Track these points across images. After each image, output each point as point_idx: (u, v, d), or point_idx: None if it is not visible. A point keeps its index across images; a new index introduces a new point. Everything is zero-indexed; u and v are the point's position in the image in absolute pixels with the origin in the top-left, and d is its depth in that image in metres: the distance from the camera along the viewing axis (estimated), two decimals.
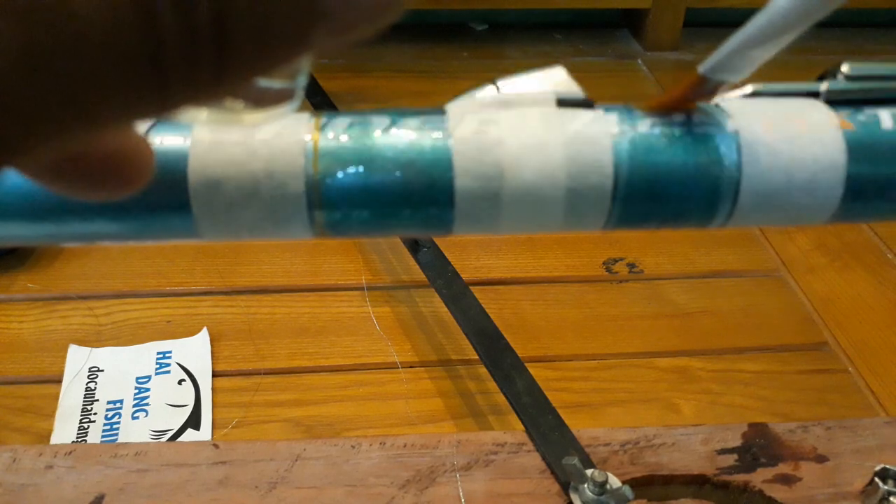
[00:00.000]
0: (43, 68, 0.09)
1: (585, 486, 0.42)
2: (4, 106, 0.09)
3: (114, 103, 0.10)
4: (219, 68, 0.10)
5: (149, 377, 0.65)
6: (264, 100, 0.14)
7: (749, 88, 0.19)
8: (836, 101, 0.19)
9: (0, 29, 0.08)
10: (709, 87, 0.17)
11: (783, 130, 0.18)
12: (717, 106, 0.19)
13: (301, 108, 0.16)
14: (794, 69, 1.29)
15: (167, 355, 0.67)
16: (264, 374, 0.66)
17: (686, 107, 0.18)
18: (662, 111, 0.18)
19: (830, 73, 0.19)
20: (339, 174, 0.17)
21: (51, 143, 0.10)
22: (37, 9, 0.08)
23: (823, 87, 0.19)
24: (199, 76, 0.10)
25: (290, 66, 0.11)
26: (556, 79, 0.19)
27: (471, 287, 0.64)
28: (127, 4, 0.09)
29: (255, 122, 0.15)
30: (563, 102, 0.18)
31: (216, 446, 0.46)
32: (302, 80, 0.14)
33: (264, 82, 0.14)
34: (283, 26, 0.10)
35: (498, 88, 0.18)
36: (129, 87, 0.09)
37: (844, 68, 0.19)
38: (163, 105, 0.10)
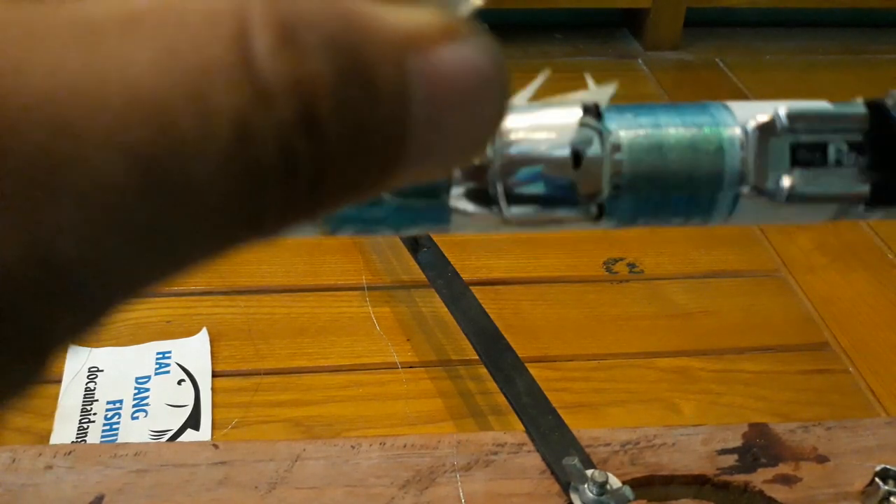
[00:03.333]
0: (158, 239, 0.09)
1: (586, 486, 0.42)
2: (114, 276, 0.09)
3: (207, 254, 0.10)
4: (308, 213, 0.10)
5: (148, 377, 0.65)
6: None
7: (783, 107, 0.19)
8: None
9: (132, 206, 0.08)
10: None
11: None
12: (723, 104, 0.19)
13: None
14: (794, 69, 1.28)
15: (167, 355, 0.67)
16: (264, 374, 0.66)
17: None
18: None
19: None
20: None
21: (137, 296, 0.10)
22: (167, 186, 0.08)
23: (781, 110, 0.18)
24: (289, 221, 0.10)
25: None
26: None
27: (471, 287, 0.64)
28: (243, 176, 0.09)
29: None
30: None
31: (216, 446, 0.46)
32: None
33: None
34: (368, 176, 0.10)
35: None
36: (226, 241, 0.10)
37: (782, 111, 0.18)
38: (248, 246, 0.11)
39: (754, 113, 0.18)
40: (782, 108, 0.17)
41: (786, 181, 0.17)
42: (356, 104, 0.09)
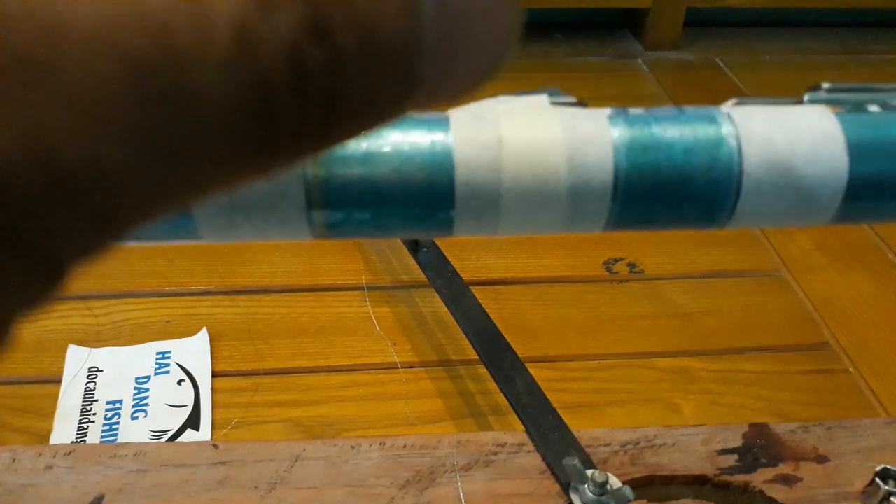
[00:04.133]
0: (161, 149, 0.09)
1: (586, 486, 0.42)
2: (120, 183, 0.09)
3: (223, 174, 0.10)
4: (323, 138, 0.10)
5: (148, 377, 0.65)
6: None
7: (731, 102, 0.19)
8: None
9: (125, 116, 0.08)
10: None
11: (783, 131, 0.18)
12: (717, 108, 0.19)
13: None
14: (794, 69, 1.28)
15: (166, 355, 0.67)
16: (264, 374, 0.66)
17: None
18: None
19: (811, 89, 0.19)
20: (339, 175, 0.17)
21: (153, 215, 0.10)
22: (163, 94, 0.08)
23: (806, 97, 0.19)
24: (304, 146, 0.10)
25: None
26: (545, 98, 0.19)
27: (471, 287, 0.64)
28: (245, 83, 0.09)
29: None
30: (556, 104, 0.18)
31: (216, 446, 0.46)
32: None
33: None
34: (384, 97, 0.10)
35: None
36: (239, 160, 0.10)
37: (825, 85, 0.19)
38: (268, 172, 0.10)
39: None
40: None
41: None
42: (367, 11, 0.09)
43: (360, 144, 0.18)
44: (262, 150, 0.10)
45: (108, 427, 0.61)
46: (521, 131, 0.18)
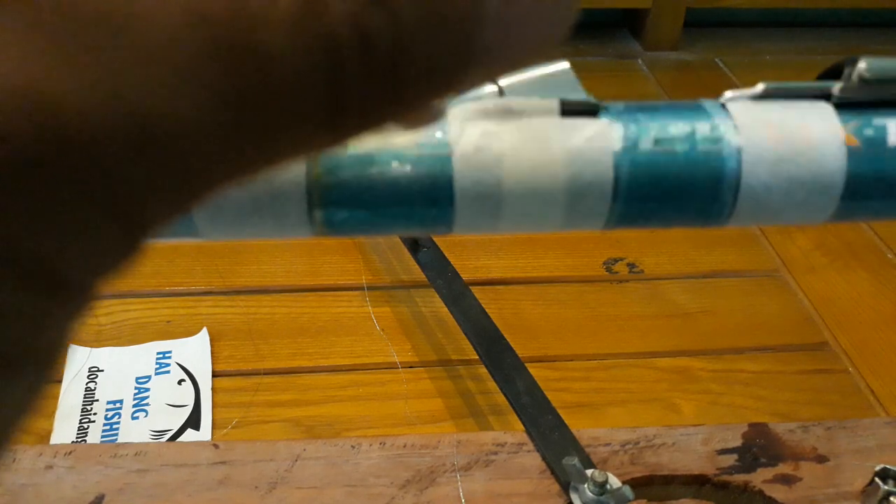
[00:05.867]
0: (235, 106, 0.09)
1: (585, 486, 0.42)
2: (197, 143, 0.09)
3: (295, 137, 0.10)
4: (391, 103, 0.10)
5: (149, 377, 0.65)
6: (415, 121, 0.15)
7: (760, 87, 0.19)
8: (846, 104, 0.19)
9: (200, 73, 0.09)
10: None
11: (786, 140, 0.18)
12: (722, 107, 0.19)
13: None
14: (794, 69, 1.28)
15: (167, 355, 0.67)
16: (264, 374, 0.66)
17: None
18: None
19: (847, 64, 0.19)
20: (339, 172, 0.17)
21: (232, 178, 0.10)
22: (234, 50, 0.09)
23: (836, 89, 0.19)
24: (372, 111, 0.10)
25: None
26: (560, 78, 0.19)
27: (471, 287, 0.64)
28: (314, 43, 0.09)
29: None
30: (567, 110, 0.18)
31: (216, 446, 0.46)
32: (447, 102, 0.15)
33: None
34: (447, 64, 0.10)
35: (500, 89, 0.18)
36: (309, 122, 0.10)
37: (862, 66, 0.19)
38: (337, 138, 0.10)
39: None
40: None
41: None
42: None
43: (361, 143, 0.18)
44: (333, 115, 0.10)
45: (108, 427, 0.61)
46: (520, 129, 0.18)
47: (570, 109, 0.18)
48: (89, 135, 0.08)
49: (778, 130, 0.18)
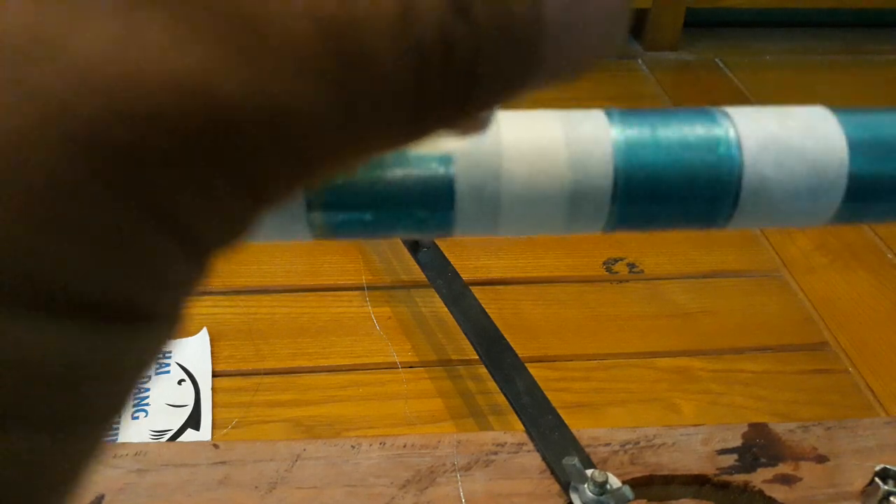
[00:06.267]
0: (347, 103, 0.10)
1: (585, 486, 0.42)
2: (316, 130, 0.10)
3: (385, 135, 0.11)
4: (461, 109, 0.11)
5: (148, 377, 0.65)
6: (468, 127, 0.15)
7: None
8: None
9: (323, 65, 0.10)
10: None
11: (788, 142, 0.18)
12: (717, 108, 0.19)
13: None
14: (794, 69, 1.28)
15: (167, 355, 0.67)
16: (264, 374, 0.66)
17: None
18: None
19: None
20: (338, 176, 0.17)
21: (335, 167, 0.11)
22: (348, 51, 0.10)
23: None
24: (445, 115, 0.11)
25: None
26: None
27: (471, 287, 0.64)
28: (409, 52, 0.10)
29: (450, 146, 0.17)
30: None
31: (216, 446, 0.46)
32: (497, 109, 0.15)
33: None
34: (513, 72, 0.11)
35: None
36: (398, 124, 0.11)
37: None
38: (410, 139, 0.11)
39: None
40: None
41: None
42: None
43: None
44: (415, 113, 0.11)
45: None
46: (520, 131, 0.18)
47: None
48: (236, 120, 0.09)
49: (779, 133, 0.18)
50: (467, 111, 0.11)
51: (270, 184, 0.10)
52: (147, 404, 0.63)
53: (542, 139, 0.18)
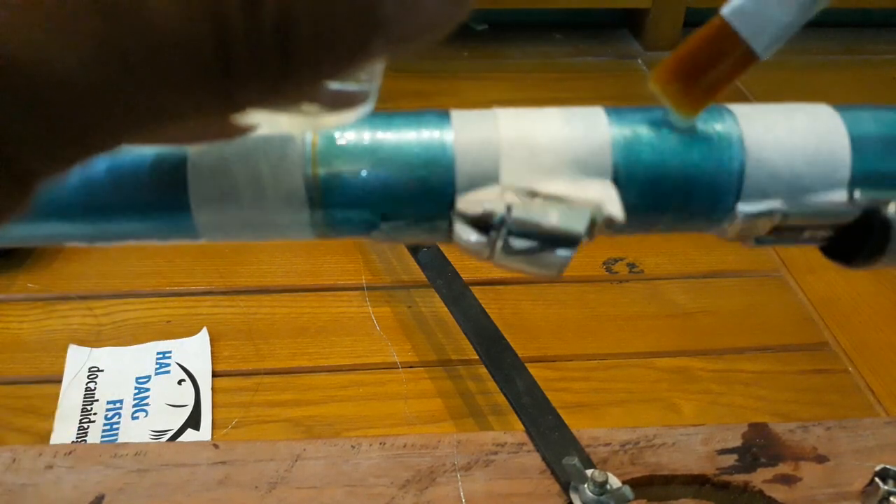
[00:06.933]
0: (117, 62, 0.09)
1: (585, 486, 0.42)
2: (80, 95, 0.09)
3: (182, 99, 0.10)
4: (282, 71, 0.10)
5: (149, 377, 0.65)
6: (340, 102, 0.14)
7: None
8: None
9: (80, 24, 0.09)
10: (732, 43, 0.17)
11: (786, 130, 0.18)
12: (718, 107, 0.19)
13: None
14: (794, 69, 1.28)
15: (167, 355, 0.67)
16: (264, 374, 0.66)
17: (710, 68, 0.18)
18: (681, 73, 0.18)
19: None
20: (339, 175, 0.17)
21: (122, 136, 0.10)
22: (116, 6, 0.09)
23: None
24: (263, 78, 0.10)
25: (360, 70, 0.12)
26: None
27: (471, 287, 0.64)
28: (198, 6, 0.09)
29: (331, 125, 0.15)
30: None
31: (216, 446, 0.46)
32: (376, 84, 0.15)
33: (337, 85, 0.14)
34: (343, 33, 0.10)
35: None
36: (197, 85, 0.10)
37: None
38: (229, 104, 0.10)
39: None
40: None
41: None
42: None
43: (361, 142, 0.18)
44: (221, 81, 0.10)
45: (108, 427, 0.61)
46: (521, 132, 0.18)
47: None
48: (11, 76, 0.09)
49: (780, 131, 0.18)
50: (296, 78, 0.10)
51: (32, 159, 0.10)
52: (147, 404, 0.63)
53: (543, 139, 0.18)
